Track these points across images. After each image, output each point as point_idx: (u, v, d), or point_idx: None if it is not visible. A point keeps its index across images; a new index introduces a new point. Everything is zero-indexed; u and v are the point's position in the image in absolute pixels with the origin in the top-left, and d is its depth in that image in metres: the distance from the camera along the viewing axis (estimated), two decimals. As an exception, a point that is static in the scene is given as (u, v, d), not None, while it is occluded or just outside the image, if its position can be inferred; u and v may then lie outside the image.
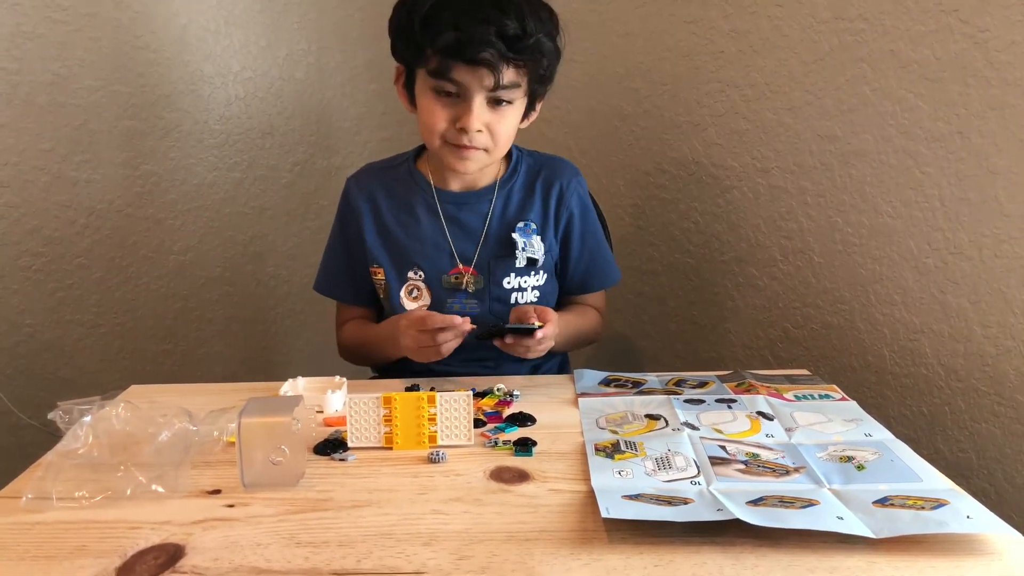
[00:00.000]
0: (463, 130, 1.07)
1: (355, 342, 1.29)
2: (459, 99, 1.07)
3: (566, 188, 1.22)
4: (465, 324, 1.03)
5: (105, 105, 1.53)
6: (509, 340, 1.06)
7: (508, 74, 1.05)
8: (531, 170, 1.23)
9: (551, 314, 1.08)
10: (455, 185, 1.21)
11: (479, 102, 1.07)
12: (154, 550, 0.69)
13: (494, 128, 1.09)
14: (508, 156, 1.22)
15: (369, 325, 1.28)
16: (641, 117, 1.66)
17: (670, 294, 1.69)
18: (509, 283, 1.20)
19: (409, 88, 1.14)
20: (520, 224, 1.20)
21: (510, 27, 1.02)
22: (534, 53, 1.06)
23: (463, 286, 1.19)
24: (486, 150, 1.11)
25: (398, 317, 1.15)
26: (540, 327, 1.03)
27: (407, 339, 1.08)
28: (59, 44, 1.45)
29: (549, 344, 1.08)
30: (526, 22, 1.03)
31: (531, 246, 1.19)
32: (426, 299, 1.21)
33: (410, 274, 1.21)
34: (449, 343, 1.05)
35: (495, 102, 1.08)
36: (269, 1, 1.73)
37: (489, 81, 1.05)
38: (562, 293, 1.29)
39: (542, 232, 1.20)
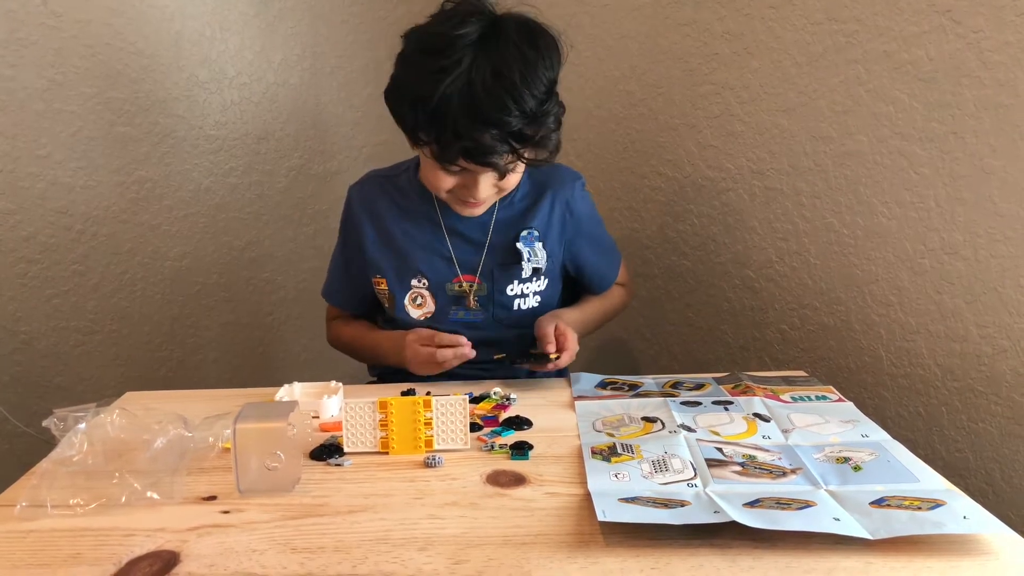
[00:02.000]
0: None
1: (352, 342, 1.29)
2: (465, 171, 1.04)
3: (569, 195, 1.22)
4: (468, 349, 1.07)
5: (100, 111, 1.53)
6: (527, 366, 1.13)
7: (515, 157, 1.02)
8: (533, 178, 1.23)
9: (570, 341, 1.11)
10: None
11: (485, 178, 1.05)
12: (149, 557, 0.69)
13: (502, 185, 1.09)
14: None
15: (371, 330, 1.28)
16: (636, 120, 1.66)
17: (666, 296, 1.69)
18: (512, 290, 1.19)
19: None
20: (524, 233, 1.19)
21: (514, 123, 0.96)
22: (541, 139, 1.02)
23: (467, 294, 1.19)
24: (497, 191, 1.11)
25: (404, 333, 1.16)
26: (556, 358, 1.08)
27: (410, 351, 1.12)
28: (54, 51, 1.45)
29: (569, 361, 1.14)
30: (529, 107, 0.96)
31: (535, 255, 1.19)
32: (430, 307, 1.20)
33: (413, 282, 1.20)
34: (448, 361, 1.08)
35: (502, 173, 1.05)
36: (263, 6, 1.73)
37: (496, 171, 1.03)
38: (582, 293, 1.32)
39: (544, 238, 1.20)
